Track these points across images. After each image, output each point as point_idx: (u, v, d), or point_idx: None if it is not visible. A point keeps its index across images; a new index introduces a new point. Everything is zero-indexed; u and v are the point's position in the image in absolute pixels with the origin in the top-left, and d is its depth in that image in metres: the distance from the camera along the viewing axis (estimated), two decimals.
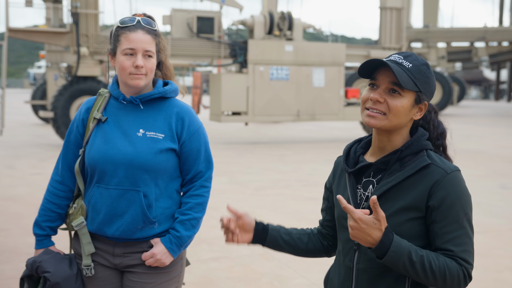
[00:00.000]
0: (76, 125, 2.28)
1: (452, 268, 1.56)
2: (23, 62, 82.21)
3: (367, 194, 1.71)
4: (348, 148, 1.82)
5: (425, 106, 1.70)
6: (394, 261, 1.54)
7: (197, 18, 14.40)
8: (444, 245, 1.59)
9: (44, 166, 10.17)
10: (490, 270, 4.71)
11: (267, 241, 1.89)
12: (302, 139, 15.96)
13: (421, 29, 27.88)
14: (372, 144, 1.77)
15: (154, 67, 2.17)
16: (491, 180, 9.14)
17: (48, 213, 2.30)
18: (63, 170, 2.29)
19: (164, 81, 2.30)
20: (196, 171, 2.26)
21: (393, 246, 1.53)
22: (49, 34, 13.70)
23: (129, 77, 2.14)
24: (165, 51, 2.29)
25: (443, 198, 1.60)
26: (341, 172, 1.83)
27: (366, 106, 1.68)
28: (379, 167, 1.70)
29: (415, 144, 1.67)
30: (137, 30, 2.14)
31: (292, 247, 1.92)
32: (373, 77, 1.68)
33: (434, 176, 1.62)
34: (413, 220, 1.63)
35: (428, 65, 1.68)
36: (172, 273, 2.27)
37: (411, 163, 1.65)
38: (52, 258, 2.22)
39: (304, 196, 7.66)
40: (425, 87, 1.66)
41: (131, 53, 2.13)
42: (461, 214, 1.60)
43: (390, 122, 1.65)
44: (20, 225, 5.98)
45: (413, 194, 1.62)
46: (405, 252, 1.54)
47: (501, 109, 34.54)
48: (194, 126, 2.25)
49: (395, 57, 1.67)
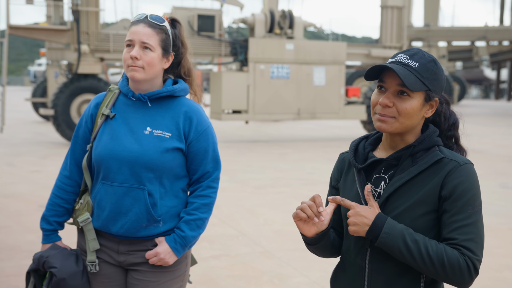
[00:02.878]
0: (85, 120, 2.28)
1: (452, 255, 1.53)
2: (24, 60, 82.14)
3: (379, 190, 1.69)
4: (355, 144, 1.80)
5: (436, 102, 1.69)
6: (388, 243, 1.55)
7: (198, 16, 14.39)
8: (450, 234, 1.58)
9: (44, 163, 10.18)
10: (490, 269, 4.72)
11: (322, 242, 1.74)
12: (302, 138, 15.96)
13: (422, 28, 27.89)
14: (382, 142, 1.76)
15: (153, 61, 2.15)
16: (491, 179, 9.14)
17: (55, 207, 2.30)
18: (71, 165, 2.29)
19: (174, 80, 2.29)
20: (203, 171, 2.25)
21: (385, 228, 1.55)
22: (50, 32, 13.69)
23: (128, 69, 2.15)
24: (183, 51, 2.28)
25: (454, 187, 1.59)
26: (348, 168, 1.81)
27: (375, 111, 1.67)
28: (391, 163, 1.69)
29: (427, 140, 1.67)
30: (139, 24, 2.16)
31: (334, 247, 1.82)
32: (381, 79, 1.66)
33: (447, 167, 1.62)
34: (427, 214, 1.62)
35: (435, 60, 1.67)
36: (176, 272, 2.26)
37: (423, 158, 1.65)
38: (59, 253, 2.22)
39: (304, 195, 7.66)
40: (434, 84, 1.65)
41: (130, 45, 2.14)
42: (471, 205, 1.59)
43: (402, 124, 1.64)
44: (20, 223, 5.99)
45: (426, 188, 1.62)
46: (399, 235, 1.54)
47: (501, 108, 34.53)
48: (202, 126, 2.23)
49: (401, 57, 1.65)
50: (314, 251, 1.80)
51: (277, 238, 5.58)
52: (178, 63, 2.29)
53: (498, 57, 31.44)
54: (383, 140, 1.75)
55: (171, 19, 2.26)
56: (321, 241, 1.74)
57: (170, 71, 2.30)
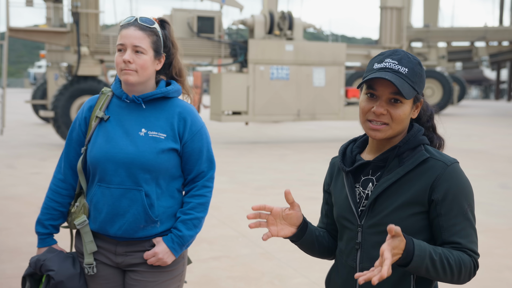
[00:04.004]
0: (79, 123, 2.29)
1: (466, 260, 1.57)
2: (24, 62, 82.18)
3: (367, 192, 1.71)
4: (344, 148, 1.82)
5: (421, 103, 1.73)
6: (418, 265, 1.50)
7: (198, 18, 14.40)
8: (451, 238, 1.60)
9: (44, 165, 10.18)
10: (490, 269, 4.72)
11: (305, 235, 1.79)
12: (302, 139, 15.96)
13: (422, 28, 27.87)
14: (369, 144, 1.77)
15: (146, 64, 2.16)
16: (491, 179, 9.15)
17: (50, 211, 2.30)
18: (65, 168, 2.30)
19: (167, 81, 2.31)
20: (198, 171, 2.27)
21: (416, 250, 1.50)
22: (50, 34, 13.70)
23: (121, 73, 2.16)
24: (173, 52, 2.29)
25: (447, 190, 1.61)
26: (338, 172, 1.84)
27: (368, 118, 1.67)
28: (378, 164, 1.71)
29: (412, 139, 1.68)
30: (130, 27, 2.16)
31: (321, 244, 1.86)
32: (371, 86, 1.65)
33: (435, 169, 1.63)
34: (416, 215, 1.63)
35: (419, 62, 1.68)
36: (174, 271, 2.28)
37: (409, 158, 1.66)
38: (56, 256, 2.23)
39: (304, 196, 7.67)
40: (421, 87, 1.68)
41: (121, 49, 2.15)
42: (465, 206, 1.62)
43: (394, 130, 1.66)
44: (21, 225, 5.99)
45: (414, 188, 1.63)
46: (427, 254, 1.52)
47: (501, 109, 34.53)
48: (196, 126, 2.25)
49: (389, 62, 1.64)
50: (301, 248, 1.85)
51: (277, 239, 5.59)
52: (170, 63, 2.31)
53: (498, 57, 31.44)
54: (369, 142, 1.77)
55: (160, 20, 2.27)
56: (302, 236, 1.79)
57: (162, 72, 2.32)
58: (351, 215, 1.72)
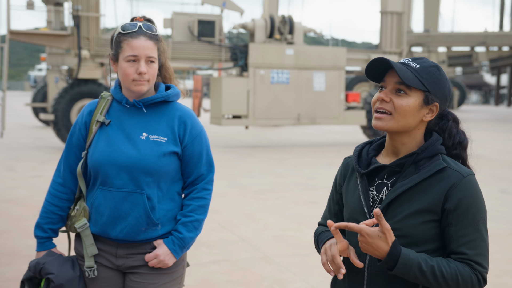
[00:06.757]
0: (79, 127, 2.29)
1: (465, 273, 1.57)
2: (24, 65, 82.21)
3: (381, 196, 1.70)
4: (359, 149, 1.82)
5: (437, 108, 1.69)
6: (404, 272, 1.55)
7: (198, 22, 14.42)
8: (459, 248, 1.60)
9: (44, 168, 10.18)
10: (490, 274, 4.70)
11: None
12: (302, 143, 15.96)
13: (422, 33, 27.95)
14: (385, 147, 1.77)
15: (156, 72, 2.20)
16: (491, 184, 9.14)
17: (50, 215, 2.31)
18: (64, 172, 2.30)
19: (166, 85, 2.32)
20: (197, 174, 2.29)
21: (401, 259, 1.53)
22: (50, 37, 13.72)
23: (132, 84, 2.16)
24: (165, 54, 2.31)
25: (459, 201, 1.61)
26: (351, 172, 1.82)
27: (375, 107, 1.70)
28: (394, 169, 1.70)
29: (430, 148, 1.68)
30: (139, 37, 2.15)
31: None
32: (383, 79, 1.70)
33: (450, 179, 1.63)
34: (428, 222, 1.63)
35: (438, 67, 1.68)
36: (174, 274, 2.29)
37: (426, 166, 1.66)
38: (56, 259, 2.23)
39: (304, 200, 7.66)
40: (434, 88, 1.66)
41: (133, 60, 2.14)
42: (477, 218, 1.61)
43: (397, 122, 1.66)
44: (20, 227, 5.99)
45: (428, 197, 1.63)
46: (415, 263, 1.54)
47: (501, 114, 34.56)
48: (196, 130, 2.27)
49: (404, 60, 1.70)
50: None
51: (276, 243, 5.58)
52: (161, 64, 2.31)
53: (498, 62, 31.50)
54: (386, 145, 1.77)
55: (145, 19, 2.27)
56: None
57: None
58: (363, 218, 1.71)
